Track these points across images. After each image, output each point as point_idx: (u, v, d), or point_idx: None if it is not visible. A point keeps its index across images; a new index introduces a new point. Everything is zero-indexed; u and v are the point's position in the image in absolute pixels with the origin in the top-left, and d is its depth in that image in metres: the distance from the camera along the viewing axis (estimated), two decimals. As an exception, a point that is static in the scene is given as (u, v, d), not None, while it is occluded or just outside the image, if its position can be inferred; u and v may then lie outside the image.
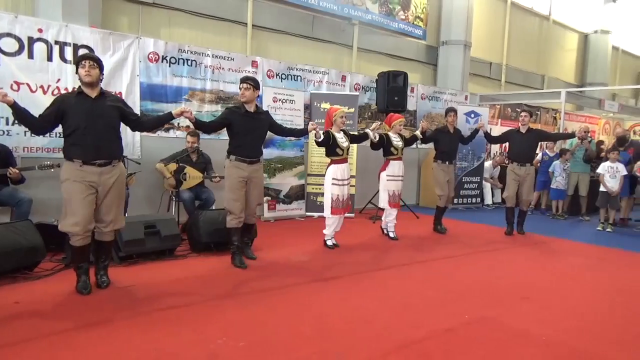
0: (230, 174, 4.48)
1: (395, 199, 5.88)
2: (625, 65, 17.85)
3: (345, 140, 5.28)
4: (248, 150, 4.48)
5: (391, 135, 5.87)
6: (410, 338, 3.03)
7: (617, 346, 3.07)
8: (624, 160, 7.50)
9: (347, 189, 5.29)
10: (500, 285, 4.33)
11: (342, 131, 5.34)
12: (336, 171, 5.21)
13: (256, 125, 4.52)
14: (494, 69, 12.90)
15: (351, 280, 4.24)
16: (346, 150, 5.26)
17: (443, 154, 6.55)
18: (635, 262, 5.49)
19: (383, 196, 5.91)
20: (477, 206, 9.34)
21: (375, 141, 5.68)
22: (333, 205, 5.22)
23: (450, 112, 6.62)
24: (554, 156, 8.60)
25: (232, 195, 4.45)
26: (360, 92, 8.38)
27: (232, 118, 4.43)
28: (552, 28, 14.64)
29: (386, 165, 5.89)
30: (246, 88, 4.40)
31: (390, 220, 5.98)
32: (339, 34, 9.39)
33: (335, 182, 5.19)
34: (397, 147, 5.85)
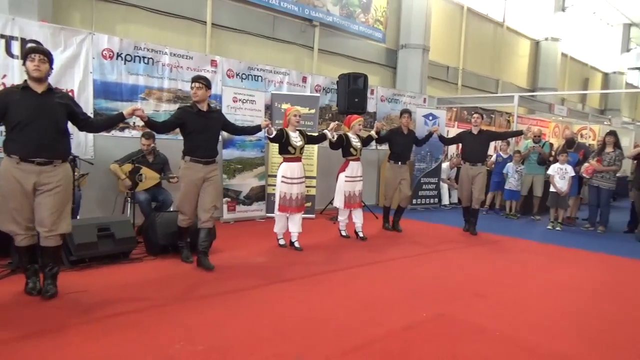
0: (185, 175, 4.40)
1: (352, 199, 5.92)
2: (573, 72, 18.72)
3: (300, 140, 5.31)
4: (203, 150, 4.42)
5: (350, 136, 5.92)
6: (370, 337, 3.06)
7: (567, 340, 3.20)
8: (573, 161, 7.86)
9: (297, 188, 5.27)
10: (456, 282, 4.43)
11: (298, 131, 5.37)
12: (286, 169, 5.23)
13: (209, 124, 4.47)
14: (451, 73, 13.23)
15: (311, 281, 4.24)
16: (299, 149, 5.27)
17: (396, 154, 6.67)
18: (582, 259, 5.75)
19: (339, 197, 5.95)
20: (435, 206, 9.55)
21: (333, 141, 5.72)
22: (280, 203, 5.24)
23: (404, 113, 6.74)
24: (507, 158, 8.91)
25: (184, 196, 4.43)
26: (321, 93, 8.41)
27: (185, 117, 4.36)
28: (506, 34, 15.17)
29: (345, 166, 5.94)
30: (198, 87, 4.34)
31: (356, 220, 6.02)
32: (300, 35, 9.38)
33: (285, 180, 5.22)
34: (356, 147, 5.91)
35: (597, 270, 5.30)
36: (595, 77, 20.60)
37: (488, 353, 2.92)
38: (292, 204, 5.27)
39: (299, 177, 5.31)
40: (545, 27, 16.24)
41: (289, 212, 5.30)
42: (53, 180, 3.39)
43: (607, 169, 7.42)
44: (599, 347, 3.11)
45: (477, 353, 2.91)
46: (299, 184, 5.32)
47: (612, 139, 7.58)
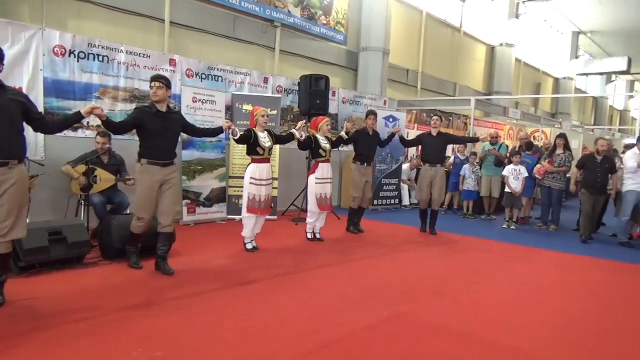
0: (142, 178, 4.23)
1: (324, 201, 5.88)
2: (526, 76, 19.44)
3: (268, 140, 5.24)
4: (160, 152, 4.26)
5: (319, 137, 5.87)
6: (332, 337, 3.06)
7: (523, 334, 3.31)
8: (532, 163, 8.15)
9: (266, 190, 5.21)
10: (417, 282, 4.51)
11: (266, 131, 5.28)
12: (255, 170, 5.15)
13: (168, 125, 4.31)
14: (410, 76, 13.46)
15: (273, 283, 4.20)
16: (267, 150, 5.21)
17: (362, 155, 6.70)
18: (535, 257, 5.97)
19: (312, 199, 5.88)
20: (396, 207, 9.69)
21: (301, 140, 5.67)
22: (249, 205, 5.14)
23: (370, 115, 6.80)
24: (464, 159, 9.15)
25: (142, 201, 4.24)
26: (283, 94, 8.38)
27: (143, 118, 4.18)
28: (463, 39, 15.59)
29: (315, 167, 5.89)
30: (158, 87, 4.19)
31: (318, 222, 6.00)
32: (261, 36, 9.31)
33: (253, 181, 5.13)
34: (325, 149, 5.87)
35: (550, 267, 5.51)
36: (547, 82, 21.48)
37: (447, 350, 2.97)
38: (262, 206, 5.20)
39: (267, 179, 5.23)
40: (500, 33, 16.79)
41: (258, 214, 5.23)
42: (8, 182, 3.21)
43: (558, 170, 7.73)
44: (552, 340, 3.23)
45: (437, 350, 2.96)
46: (267, 186, 5.25)
47: (562, 141, 7.91)
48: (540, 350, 3.05)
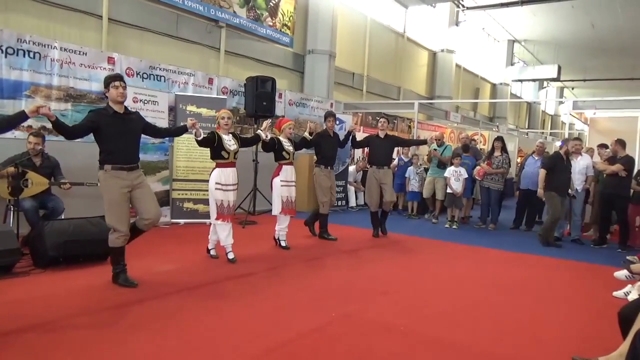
0: (109, 185, 3.92)
1: (289, 205, 5.73)
2: (466, 82, 20.26)
3: (234, 144, 5.00)
4: (124, 156, 3.99)
5: (282, 140, 5.75)
6: (279, 341, 3.02)
7: (465, 329, 3.42)
8: (471, 164, 8.47)
9: (233, 195, 5.00)
10: (364, 282, 4.56)
11: (231, 134, 5.07)
12: (220, 175, 4.90)
13: (128, 127, 4.04)
14: (356, 79, 13.67)
15: (219, 289, 4.11)
16: (233, 154, 4.97)
17: (325, 158, 6.51)
18: (476, 255, 6.21)
19: (277, 203, 5.70)
20: (343, 209, 9.78)
21: (267, 141, 5.50)
22: (218, 211, 4.89)
23: (329, 116, 6.64)
24: (408, 161, 9.39)
25: (115, 210, 3.92)
26: (228, 95, 8.26)
27: (100, 121, 3.89)
28: (407, 45, 16.02)
29: (279, 170, 5.74)
30: (125, 87, 3.96)
31: (282, 228, 5.81)
32: (205, 36, 9.14)
33: (219, 186, 4.88)
34: (289, 151, 5.75)
35: (489, 264, 5.75)
36: (485, 88, 22.48)
37: (394, 348, 3.02)
38: (230, 212, 4.97)
39: (233, 184, 5.00)
40: (441, 39, 17.40)
41: (228, 220, 4.98)
42: None
43: (496, 172, 8.09)
44: (492, 334, 3.36)
45: (384, 349, 3.00)
46: (234, 191, 5.02)
47: (500, 144, 8.29)
48: (480, 343, 3.16)
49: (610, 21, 17.24)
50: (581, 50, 21.38)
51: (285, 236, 5.84)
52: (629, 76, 23.49)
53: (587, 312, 4.00)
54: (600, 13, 16.49)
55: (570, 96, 30.63)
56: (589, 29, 18.38)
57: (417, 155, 9.36)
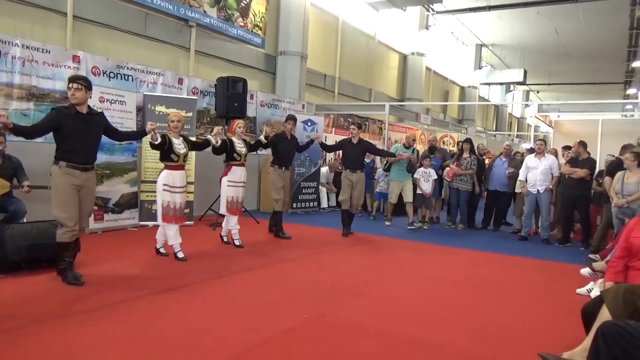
0: (61, 182, 3.95)
1: (234, 205, 5.79)
2: (436, 84, 20.58)
3: (183, 147, 5.06)
4: (81, 156, 4.02)
5: (234, 141, 5.77)
6: (251, 343, 2.99)
7: (437, 328, 3.46)
8: (437, 165, 8.60)
9: (180, 197, 5.02)
10: (336, 282, 4.57)
11: (181, 137, 5.10)
12: (168, 177, 4.94)
13: (89, 128, 4.07)
14: (328, 81, 13.70)
15: (190, 291, 4.04)
16: (182, 157, 5.03)
17: (280, 159, 6.69)
18: (446, 254, 6.31)
19: (223, 202, 5.79)
20: (315, 210, 9.78)
21: (217, 146, 5.55)
22: (164, 213, 4.93)
23: (290, 119, 6.81)
24: (370, 161, 9.42)
25: (64, 205, 3.94)
26: (199, 96, 8.14)
27: (61, 120, 3.91)
28: (378, 47, 16.15)
29: (228, 170, 5.79)
30: (77, 88, 3.93)
31: (232, 227, 5.84)
32: (175, 35, 8.98)
33: (167, 188, 4.92)
34: (240, 153, 5.78)
35: (459, 263, 5.84)
36: (454, 90, 22.88)
37: (366, 348, 3.03)
38: (177, 214, 4.98)
39: (181, 186, 5.04)
40: (411, 42, 17.61)
41: (174, 222, 4.99)
42: None
43: (465, 173, 8.24)
44: (464, 332, 3.41)
45: (356, 349, 3.01)
46: (182, 193, 5.05)
47: (468, 145, 8.45)
48: (453, 342, 3.21)
49: (573, 27, 17.84)
50: (546, 55, 22.04)
51: (238, 234, 5.86)
52: (591, 81, 24.36)
53: (553, 309, 4.11)
54: (564, 19, 17.04)
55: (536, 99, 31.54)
56: (553, 35, 18.96)
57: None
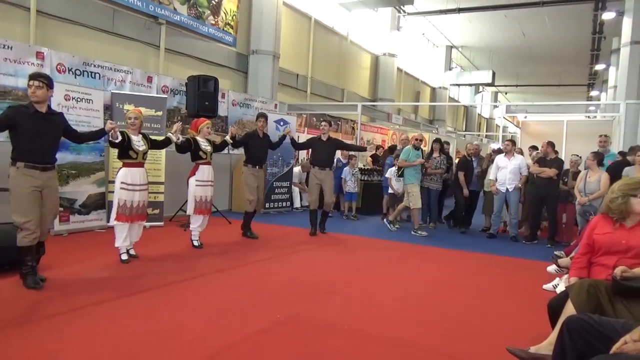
0: (20, 183, 3.80)
1: (203, 205, 5.71)
2: (407, 85, 20.82)
3: (143, 144, 4.96)
4: (40, 155, 3.89)
5: (199, 140, 5.71)
6: (223, 344, 2.96)
7: (409, 326, 3.49)
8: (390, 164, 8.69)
9: (140, 195, 4.91)
10: (309, 282, 4.56)
11: (141, 134, 5.01)
12: (126, 175, 4.83)
13: (48, 128, 3.95)
14: (300, 81, 13.68)
15: (159, 293, 3.96)
16: (141, 154, 4.93)
17: (253, 158, 6.65)
18: (417, 253, 6.38)
19: (191, 203, 5.69)
20: (287, 210, 9.75)
21: (179, 143, 5.46)
22: (119, 212, 4.79)
23: (260, 117, 6.79)
24: (346, 162, 9.46)
25: (23, 208, 3.80)
26: (169, 95, 8.00)
27: (18, 118, 3.77)
28: (350, 47, 16.24)
29: (195, 170, 5.72)
30: (38, 86, 3.80)
31: (195, 227, 5.76)
32: (144, 32, 8.81)
33: (125, 186, 4.80)
34: (206, 151, 5.73)
35: (430, 261, 5.92)
36: (425, 91, 23.21)
37: (339, 347, 3.03)
38: (133, 212, 4.87)
39: (141, 184, 4.93)
40: (383, 43, 17.78)
41: (130, 222, 4.88)
42: None
43: (435, 172, 8.35)
44: (434, 329, 3.45)
45: (329, 348, 3.01)
46: (141, 191, 4.95)
47: (438, 145, 8.56)
48: (424, 340, 3.24)
49: (539, 31, 18.35)
50: (513, 57, 22.60)
51: (198, 235, 5.78)
52: (556, 82, 25.11)
53: (520, 305, 4.21)
54: (530, 23, 17.51)
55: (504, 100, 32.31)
56: (521, 37, 19.46)
57: (354, 156, 9.47)
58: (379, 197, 9.31)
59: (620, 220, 2.90)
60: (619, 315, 2.29)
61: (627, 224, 2.88)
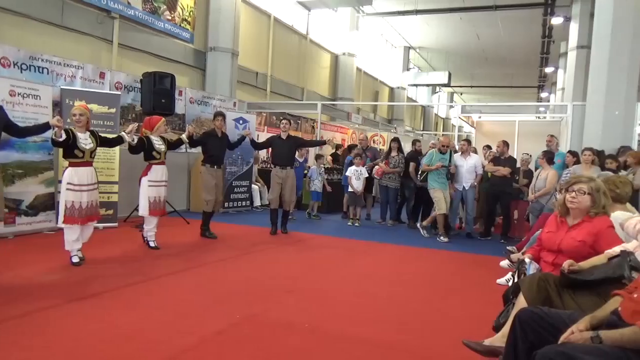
0: None
1: (157, 205, 5.54)
2: (366, 85, 21.05)
3: (90, 142, 4.71)
4: None
5: (153, 139, 5.53)
6: (181, 347, 2.88)
7: (365, 323, 3.51)
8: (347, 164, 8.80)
9: (88, 196, 4.69)
10: (268, 282, 4.52)
11: (89, 132, 4.76)
12: (72, 175, 4.60)
13: None
14: (260, 79, 13.58)
15: (113, 296, 3.82)
16: (88, 152, 4.69)
17: (211, 157, 6.53)
18: (376, 250, 6.46)
19: (143, 203, 5.49)
20: (247, 209, 9.65)
21: (133, 144, 5.27)
22: (67, 214, 4.58)
23: (218, 116, 6.66)
24: (303, 161, 9.46)
25: None
26: (123, 91, 7.75)
27: None
28: (310, 46, 16.25)
29: (148, 170, 5.52)
30: None
31: (150, 228, 5.60)
32: (96, 26, 8.50)
33: (71, 187, 4.58)
34: (160, 151, 5.55)
35: (387, 258, 6.00)
36: (384, 91, 23.54)
37: (298, 346, 3.02)
38: (82, 214, 4.66)
39: (89, 184, 4.70)
40: (343, 43, 17.89)
41: (81, 223, 4.68)
42: None
43: (393, 171, 8.48)
44: (393, 325, 3.50)
45: (287, 347, 2.99)
46: (90, 191, 4.72)
47: (396, 144, 8.69)
48: (382, 336, 3.27)
49: (493, 34, 18.95)
50: (469, 59, 23.25)
51: (154, 236, 5.63)
52: (509, 84, 26.02)
53: (475, 299, 4.32)
54: (484, 26, 18.06)
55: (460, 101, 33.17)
56: (475, 40, 20.04)
57: (321, 155, 9.50)
58: (340, 196, 9.35)
59: (564, 215, 3.03)
60: (567, 306, 2.38)
61: (569, 222, 3.00)
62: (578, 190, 2.92)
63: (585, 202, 2.91)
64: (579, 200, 2.91)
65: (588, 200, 2.91)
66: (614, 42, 7.84)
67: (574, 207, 2.95)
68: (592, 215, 2.91)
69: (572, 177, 3.10)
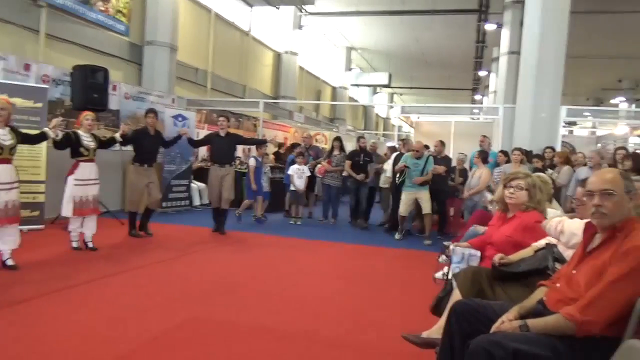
0: None
1: (84, 205, 5.23)
2: (309, 84, 21.11)
3: (9, 139, 4.39)
4: None
5: (81, 134, 5.23)
6: (116, 354, 2.75)
7: (307, 321, 3.52)
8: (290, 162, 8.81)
9: (6, 195, 4.36)
10: (208, 283, 4.42)
11: (8, 127, 4.44)
12: None
13: None
14: (200, 75, 13.24)
15: (39, 303, 3.58)
16: (7, 149, 4.37)
17: (141, 156, 6.25)
18: (318, 248, 6.50)
19: (67, 204, 5.17)
20: (187, 208, 9.39)
21: (58, 140, 4.95)
22: None
23: (150, 112, 6.40)
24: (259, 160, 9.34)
25: None
26: (51, 85, 7.28)
27: None
28: (252, 44, 16.05)
29: (75, 167, 5.21)
30: None
31: (74, 228, 5.30)
32: (20, 15, 7.93)
33: None
34: (88, 147, 5.25)
35: (329, 256, 6.06)
36: (326, 90, 23.70)
37: (239, 348, 2.97)
38: (3, 214, 4.33)
39: (8, 182, 4.36)
40: (285, 41, 17.82)
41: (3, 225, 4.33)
42: None
43: (335, 169, 8.56)
44: (335, 320, 3.52)
45: (229, 348, 2.94)
46: (8, 190, 4.37)
47: (338, 143, 8.78)
48: (323, 332, 3.29)
49: (431, 37, 19.56)
50: (408, 61, 23.86)
51: (90, 237, 5.38)
52: (446, 86, 26.97)
53: (415, 294, 4.44)
54: (423, 29, 18.59)
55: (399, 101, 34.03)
56: (415, 43, 20.60)
57: (267, 154, 9.38)
58: (282, 195, 9.30)
59: (504, 210, 3.20)
60: (498, 298, 2.49)
61: (508, 215, 3.18)
62: (516, 186, 3.09)
63: (522, 198, 3.08)
64: (517, 195, 3.08)
65: (525, 196, 3.08)
66: (542, 49, 8.34)
67: (512, 203, 3.11)
68: (523, 210, 3.08)
69: (511, 174, 3.26)
